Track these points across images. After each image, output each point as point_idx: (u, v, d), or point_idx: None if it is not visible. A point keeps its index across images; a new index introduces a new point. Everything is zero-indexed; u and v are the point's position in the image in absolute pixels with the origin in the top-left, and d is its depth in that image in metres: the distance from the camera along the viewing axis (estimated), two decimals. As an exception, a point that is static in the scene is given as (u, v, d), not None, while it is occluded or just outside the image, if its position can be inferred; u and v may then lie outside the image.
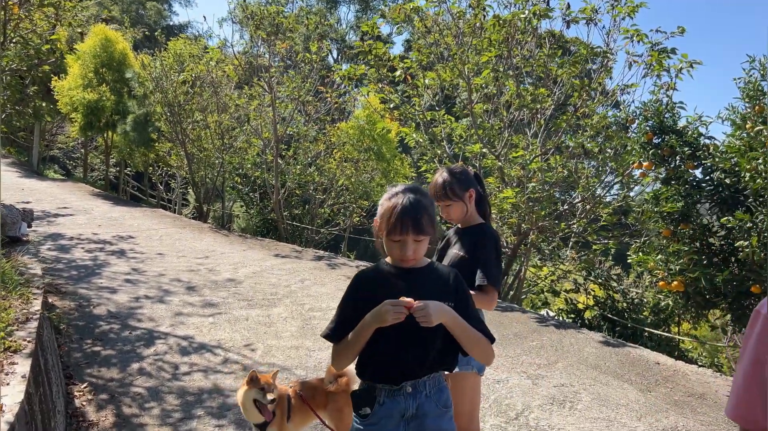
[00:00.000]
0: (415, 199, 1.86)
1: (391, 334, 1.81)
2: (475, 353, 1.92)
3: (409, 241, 1.84)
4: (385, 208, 1.88)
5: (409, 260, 1.88)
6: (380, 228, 1.89)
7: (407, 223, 1.81)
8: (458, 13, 7.51)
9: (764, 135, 4.47)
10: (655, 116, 5.29)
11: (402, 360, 1.88)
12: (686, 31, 7.15)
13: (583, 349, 5.62)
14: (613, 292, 7.93)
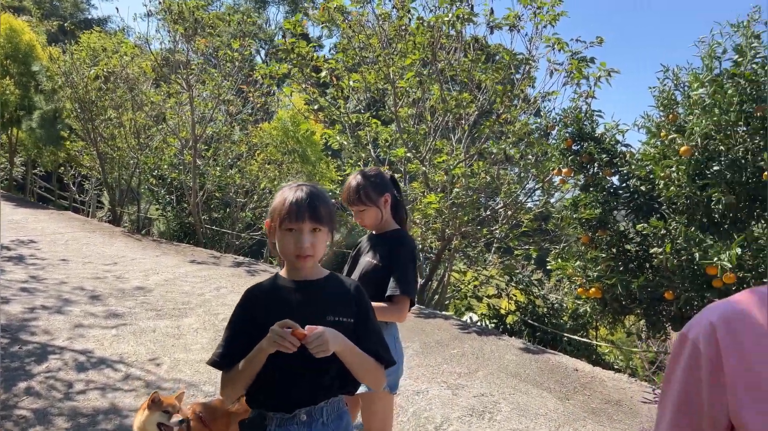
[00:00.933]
0: (312, 190, 1.71)
1: (283, 358, 1.60)
2: (366, 380, 1.75)
3: (305, 230, 1.65)
4: (278, 201, 1.70)
5: (306, 255, 1.66)
6: (273, 222, 1.69)
7: (303, 210, 1.64)
8: (383, 15, 7.37)
9: (677, 143, 4.54)
10: (575, 123, 5.32)
11: (295, 387, 1.67)
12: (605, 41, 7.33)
13: (504, 356, 5.57)
14: (534, 297, 8.01)
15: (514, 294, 8.27)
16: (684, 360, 1.07)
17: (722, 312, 1.05)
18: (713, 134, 4.51)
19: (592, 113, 5.46)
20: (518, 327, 7.87)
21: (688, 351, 1.06)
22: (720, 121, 4.39)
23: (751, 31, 4.52)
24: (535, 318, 7.61)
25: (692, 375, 1.04)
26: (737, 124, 4.44)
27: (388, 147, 8.43)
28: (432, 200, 6.85)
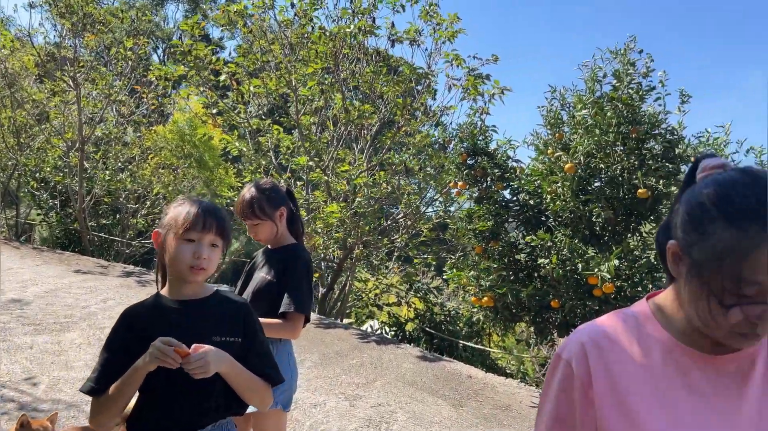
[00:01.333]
0: (213, 204, 1.68)
1: (164, 379, 1.52)
2: (252, 401, 1.71)
3: (205, 242, 1.61)
4: (178, 211, 1.63)
5: (201, 268, 1.60)
6: (169, 231, 1.62)
7: (210, 220, 1.61)
8: (285, 22, 7.30)
9: (563, 161, 4.83)
10: (470, 138, 5.51)
11: (177, 410, 1.59)
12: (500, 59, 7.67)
13: (402, 365, 5.65)
14: (432, 305, 8.20)
15: (413, 302, 8.43)
16: (557, 379, 1.13)
17: (592, 333, 1.13)
18: (594, 153, 4.84)
19: (486, 129, 5.69)
20: (417, 334, 8.02)
21: (561, 370, 1.13)
22: (600, 141, 4.72)
23: (628, 58, 4.90)
24: (433, 325, 7.79)
25: (565, 393, 1.11)
26: (615, 144, 4.79)
27: (290, 155, 8.34)
28: (334, 209, 6.84)
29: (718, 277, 0.94)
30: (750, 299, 0.91)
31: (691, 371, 1.03)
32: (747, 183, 0.93)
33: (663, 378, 1.04)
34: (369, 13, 6.87)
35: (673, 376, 1.04)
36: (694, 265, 0.98)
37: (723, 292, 0.93)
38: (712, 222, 0.94)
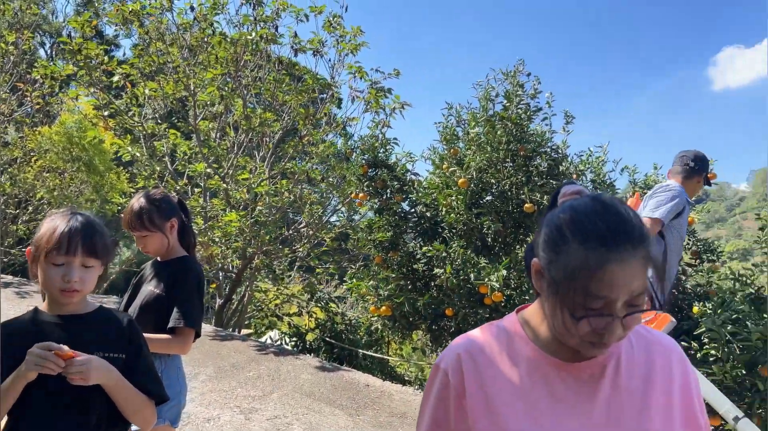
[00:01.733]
0: (88, 220, 1.60)
1: (43, 394, 1.46)
2: (134, 419, 1.67)
3: (75, 264, 1.53)
4: (45, 230, 1.56)
5: (73, 290, 1.54)
6: (37, 251, 1.55)
7: (75, 242, 1.52)
8: (184, 24, 7.09)
9: (457, 175, 5.04)
10: (370, 151, 5.62)
11: (57, 427, 1.53)
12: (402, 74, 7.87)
13: (300, 376, 5.63)
14: (333, 315, 8.22)
15: (314, 312, 8.41)
16: (436, 387, 1.22)
17: (467, 346, 1.24)
18: (486, 168, 5.09)
19: (386, 141, 5.82)
20: (318, 344, 8.01)
21: (439, 379, 1.23)
22: (491, 158, 4.97)
23: (517, 80, 5.20)
24: (334, 335, 7.80)
25: (442, 401, 1.20)
26: (505, 161, 5.07)
27: (188, 161, 8.09)
28: (233, 218, 6.71)
29: (570, 292, 1.04)
30: (596, 312, 1.02)
31: (553, 379, 1.14)
32: (597, 210, 1.05)
33: (529, 387, 1.14)
34: (272, 21, 6.83)
35: (538, 384, 1.14)
36: (552, 282, 1.08)
37: (574, 306, 1.04)
38: (566, 243, 1.05)
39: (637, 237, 1.02)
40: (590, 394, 1.12)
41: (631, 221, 1.05)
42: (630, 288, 1.01)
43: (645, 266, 1.01)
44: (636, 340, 1.19)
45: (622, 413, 1.11)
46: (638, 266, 1.00)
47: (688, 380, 1.17)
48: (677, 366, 1.17)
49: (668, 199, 3.67)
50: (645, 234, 1.04)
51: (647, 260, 1.02)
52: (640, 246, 1.01)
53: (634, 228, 1.03)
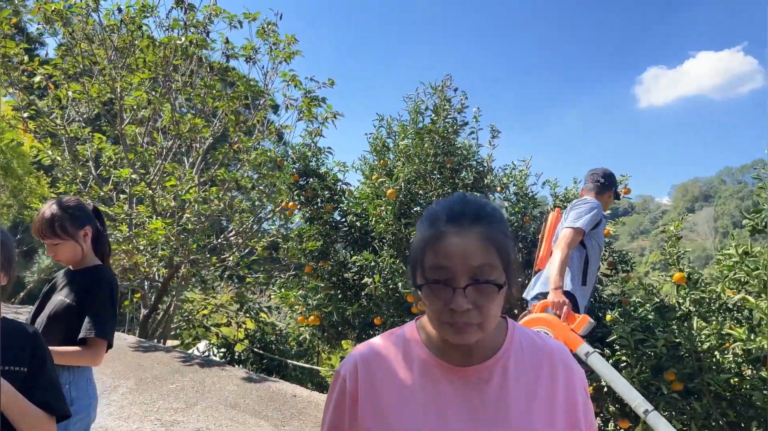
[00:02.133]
0: None
1: None
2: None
3: None
4: None
5: None
6: None
7: None
8: (111, 26, 6.88)
9: (386, 186, 5.11)
10: (302, 159, 5.61)
11: None
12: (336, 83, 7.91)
13: (225, 387, 5.52)
14: (263, 325, 8.10)
15: (244, 322, 8.27)
16: (335, 393, 1.27)
17: (365, 353, 1.30)
18: (415, 180, 5.18)
19: (318, 150, 5.83)
20: (247, 355, 7.87)
21: (338, 385, 1.28)
22: (419, 169, 5.07)
23: (444, 94, 5.34)
24: (264, 345, 7.70)
25: (339, 406, 1.25)
26: (433, 173, 5.17)
27: (114, 166, 7.82)
28: (158, 226, 6.53)
29: (418, 267, 1.14)
30: (440, 283, 1.09)
31: (442, 381, 1.20)
32: (451, 199, 1.17)
33: (419, 389, 1.20)
34: (203, 27, 6.72)
35: (427, 387, 1.20)
36: (411, 264, 1.18)
37: (423, 279, 1.12)
38: (419, 226, 1.17)
39: (477, 216, 1.11)
40: (477, 396, 1.18)
41: (474, 204, 1.14)
42: (468, 260, 1.08)
43: (485, 242, 1.09)
44: (525, 346, 1.25)
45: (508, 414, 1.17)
46: (475, 240, 1.08)
47: (573, 384, 1.23)
48: (563, 371, 1.23)
49: (587, 210, 3.92)
50: (488, 216, 1.12)
51: (487, 238, 1.09)
52: (477, 224, 1.10)
53: (477, 209, 1.12)
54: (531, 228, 5.12)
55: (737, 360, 3.94)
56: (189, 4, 7.04)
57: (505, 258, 1.11)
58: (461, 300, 1.08)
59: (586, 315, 3.61)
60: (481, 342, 1.19)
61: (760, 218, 3.73)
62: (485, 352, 1.21)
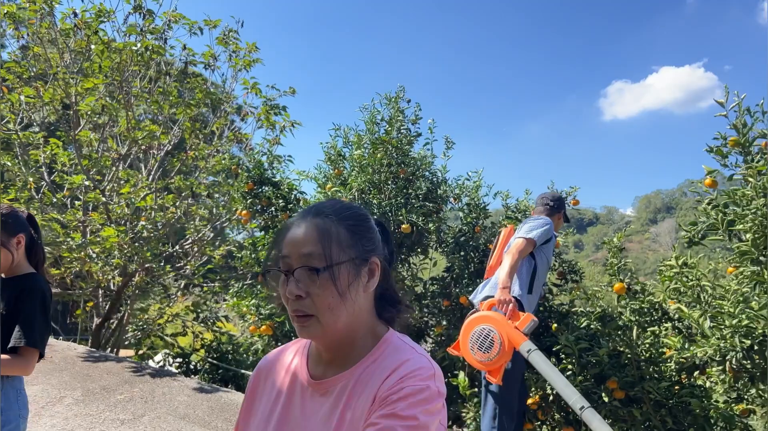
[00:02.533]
0: None
1: None
2: None
3: None
4: None
5: None
6: None
7: None
8: (66, 30, 6.76)
9: (338, 195, 5.12)
10: (256, 168, 5.59)
11: None
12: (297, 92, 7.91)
13: (176, 398, 5.44)
14: (220, 335, 8.02)
15: (200, 332, 8.17)
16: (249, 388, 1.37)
17: (264, 360, 1.40)
18: (368, 189, 5.21)
19: (273, 159, 5.82)
20: (203, 365, 7.77)
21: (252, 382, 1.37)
22: (373, 179, 5.10)
23: (398, 106, 5.39)
24: (219, 355, 7.61)
25: (241, 406, 1.36)
26: (387, 183, 5.21)
27: (68, 172, 7.67)
28: (111, 233, 6.41)
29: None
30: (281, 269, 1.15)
31: (299, 390, 1.23)
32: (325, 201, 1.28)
33: (283, 396, 1.24)
34: (159, 33, 6.66)
35: (290, 395, 1.24)
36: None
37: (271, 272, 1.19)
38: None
39: (319, 210, 1.18)
40: (329, 409, 1.16)
41: (329, 202, 1.23)
42: (299, 247, 1.13)
43: (317, 232, 1.14)
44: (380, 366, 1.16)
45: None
46: (307, 229, 1.14)
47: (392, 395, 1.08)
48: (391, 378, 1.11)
49: (541, 225, 4.12)
50: (332, 211, 1.18)
51: (321, 229, 1.14)
52: (317, 216, 1.16)
53: (328, 206, 1.20)
54: (481, 239, 5.19)
55: (677, 368, 4.05)
56: (148, 10, 6.98)
57: (331, 246, 1.13)
58: (292, 286, 1.11)
59: (530, 314, 3.71)
60: (343, 354, 1.19)
61: (696, 230, 3.86)
62: (345, 365, 1.19)
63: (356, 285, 1.16)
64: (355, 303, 1.16)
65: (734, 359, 3.49)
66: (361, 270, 1.17)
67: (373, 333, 1.22)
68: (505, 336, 3.47)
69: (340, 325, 1.14)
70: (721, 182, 4.08)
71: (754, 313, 3.45)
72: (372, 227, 1.24)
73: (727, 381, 3.93)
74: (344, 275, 1.13)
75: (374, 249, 1.21)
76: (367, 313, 1.21)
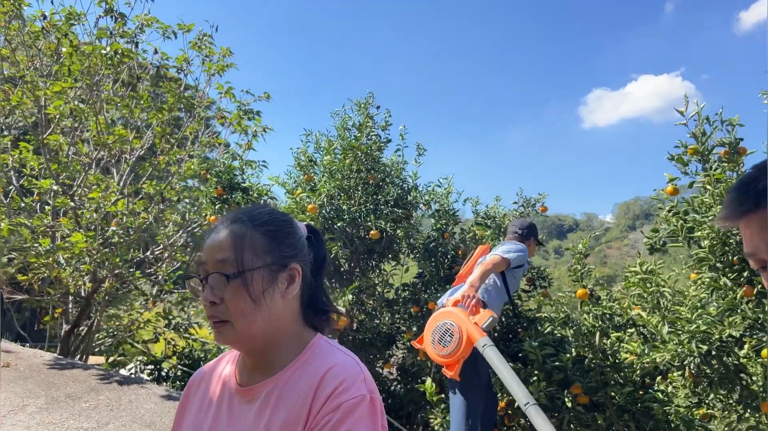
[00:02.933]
0: None
1: None
2: None
3: None
4: None
5: None
6: None
7: None
8: (35, 33, 6.68)
9: (307, 201, 5.11)
10: (226, 173, 5.56)
11: None
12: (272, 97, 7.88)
13: (143, 406, 5.37)
14: (192, 341, 7.93)
15: (173, 339, 8.08)
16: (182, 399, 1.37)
17: (203, 367, 1.40)
18: (338, 195, 5.21)
19: (243, 164, 5.79)
20: (174, 372, 7.68)
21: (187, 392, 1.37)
22: (342, 185, 5.10)
23: (367, 112, 5.41)
24: (191, 362, 7.53)
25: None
26: (356, 189, 5.21)
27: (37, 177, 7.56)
28: (79, 239, 6.33)
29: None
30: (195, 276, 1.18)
31: (232, 398, 1.22)
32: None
33: (213, 406, 1.24)
34: (129, 36, 6.60)
35: (219, 404, 1.24)
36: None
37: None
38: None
39: (233, 216, 1.20)
40: (254, 416, 1.16)
41: (248, 208, 1.24)
42: (214, 253, 1.14)
43: (231, 238, 1.14)
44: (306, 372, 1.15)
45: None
46: (223, 235, 1.16)
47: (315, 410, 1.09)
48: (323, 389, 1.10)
49: (518, 250, 4.25)
50: (242, 217, 1.19)
51: (235, 235, 1.15)
52: (228, 221, 1.18)
53: (245, 212, 1.22)
54: (449, 245, 5.21)
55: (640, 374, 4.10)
56: (120, 13, 6.92)
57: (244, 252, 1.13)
58: (207, 292, 1.12)
59: (490, 310, 3.77)
60: (267, 360, 1.19)
61: (658, 238, 3.92)
62: (270, 371, 1.18)
63: (272, 291, 1.15)
64: (271, 310, 1.14)
65: (692, 364, 3.54)
66: (278, 276, 1.16)
67: (299, 339, 1.21)
68: (465, 331, 3.53)
69: (255, 331, 1.13)
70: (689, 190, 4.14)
71: (712, 319, 3.50)
72: (294, 232, 1.23)
73: (687, 386, 3.98)
74: (258, 281, 1.12)
75: (295, 254, 1.20)
76: (290, 319, 1.20)
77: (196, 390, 1.32)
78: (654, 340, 4.13)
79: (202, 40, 7.42)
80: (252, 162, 6.91)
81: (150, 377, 7.62)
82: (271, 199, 5.71)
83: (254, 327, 1.13)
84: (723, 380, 3.73)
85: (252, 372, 1.21)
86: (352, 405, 1.07)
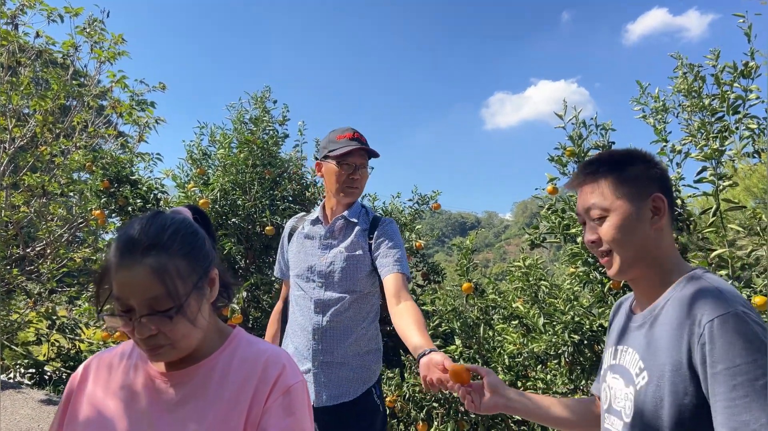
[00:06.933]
0: None
1: None
2: None
3: None
4: None
5: None
6: None
7: None
8: None
9: (198, 195, 4.98)
10: (113, 166, 5.30)
11: None
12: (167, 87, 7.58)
13: (18, 411, 5.03)
14: (78, 342, 7.50)
15: (57, 340, 7.61)
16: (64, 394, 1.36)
17: (99, 354, 1.35)
18: (233, 189, 5.11)
19: (133, 156, 5.54)
20: (60, 375, 7.24)
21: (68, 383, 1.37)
22: (237, 180, 5.00)
23: (264, 105, 5.34)
24: (76, 364, 7.12)
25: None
26: (252, 184, 5.13)
27: None
28: (-54, 234, 5.81)
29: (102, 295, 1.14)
30: (121, 313, 1.11)
31: (152, 381, 1.22)
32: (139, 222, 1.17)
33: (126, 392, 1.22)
34: (9, 18, 6.13)
35: (135, 387, 1.23)
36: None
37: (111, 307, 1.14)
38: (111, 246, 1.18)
39: (151, 244, 1.11)
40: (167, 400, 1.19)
41: (154, 229, 1.14)
42: (140, 293, 1.09)
43: (154, 275, 1.09)
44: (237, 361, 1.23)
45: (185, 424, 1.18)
46: (143, 272, 1.09)
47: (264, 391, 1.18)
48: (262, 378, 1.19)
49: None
50: (162, 244, 1.12)
51: (158, 270, 1.09)
52: (149, 255, 1.10)
53: (154, 236, 1.12)
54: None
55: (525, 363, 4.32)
56: (-3, -8, 6.41)
57: (175, 284, 1.11)
58: (142, 329, 1.10)
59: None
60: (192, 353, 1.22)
61: (538, 234, 4.15)
62: (194, 359, 1.23)
63: (204, 303, 1.19)
64: (204, 320, 1.19)
65: (566, 353, 3.78)
66: (204, 287, 1.18)
67: (219, 331, 1.28)
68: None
69: (194, 343, 1.18)
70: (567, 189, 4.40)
71: (583, 310, 3.76)
72: (201, 236, 1.22)
73: (564, 374, 4.24)
74: (194, 305, 1.15)
75: (210, 260, 1.22)
76: (211, 315, 1.25)
77: (97, 375, 1.28)
78: (533, 331, 4.37)
79: (92, 26, 7.03)
80: (145, 155, 6.63)
81: (31, 381, 7.15)
82: (162, 194, 5.50)
83: (194, 342, 1.17)
84: (594, 367, 4.01)
85: (174, 361, 1.21)
86: (298, 389, 1.19)
